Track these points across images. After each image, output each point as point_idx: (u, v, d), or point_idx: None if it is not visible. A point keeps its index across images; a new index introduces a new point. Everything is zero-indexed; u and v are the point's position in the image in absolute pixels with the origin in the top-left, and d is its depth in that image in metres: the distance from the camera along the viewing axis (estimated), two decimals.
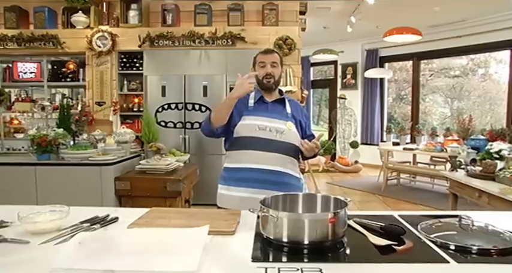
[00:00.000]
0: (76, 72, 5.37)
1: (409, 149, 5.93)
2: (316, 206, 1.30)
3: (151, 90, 5.08)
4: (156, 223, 1.31)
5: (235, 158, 1.92)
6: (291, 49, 5.02)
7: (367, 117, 8.41)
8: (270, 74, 1.91)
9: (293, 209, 1.30)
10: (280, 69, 1.97)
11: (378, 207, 5.09)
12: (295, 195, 1.35)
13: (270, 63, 1.92)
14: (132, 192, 3.09)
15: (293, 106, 2.02)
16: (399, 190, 6.03)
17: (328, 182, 6.82)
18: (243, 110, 1.92)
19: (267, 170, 1.84)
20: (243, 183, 1.86)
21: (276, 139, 1.86)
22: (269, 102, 1.96)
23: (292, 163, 1.92)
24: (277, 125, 1.88)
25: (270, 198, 1.27)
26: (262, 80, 1.92)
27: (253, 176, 1.84)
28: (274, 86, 1.97)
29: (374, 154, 7.01)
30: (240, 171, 1.89)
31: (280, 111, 1.95)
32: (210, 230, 1.20)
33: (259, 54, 1.99)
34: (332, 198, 1.29)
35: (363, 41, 8.35)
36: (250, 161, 1.86)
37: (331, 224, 1.08)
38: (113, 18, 5.17)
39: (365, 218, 1.36)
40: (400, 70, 8.93)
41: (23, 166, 3.12)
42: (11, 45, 5.24)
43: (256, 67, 1.97)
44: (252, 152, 1.86)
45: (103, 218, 1.38)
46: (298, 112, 2.02)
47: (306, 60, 9.22)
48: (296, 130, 1.93)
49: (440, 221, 1.29)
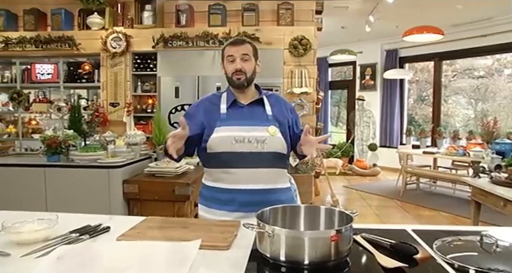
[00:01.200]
0: (91, 73, 5.39)
1: (430, 152, 5.70)
2: (319, 220, 1.19)
3: (165, 91, 5.05)
4: (148, 234, 1.23)
5: (214, 177, 1.64)
6: (307, 49, 4.89)
7: (386, 118, 8.18)
8: (240, 70, 1.59)
9: (294, 223, 1.19)
10: (253, 62, 1.64)
11: (396, 212, 4.90)
12: (296, 207, 1.24)
13: (239, 56, 1.59)
14: (140, 195, 3.05)
15: (274, 103, 1.69)
16: (418, 195, 5.81)
17: (345, 185, 6.65)
18: (214, 119, 1.61)
19: (252, 190, 1.56)
20: (225, 206, 1.58)
21: (257, 151, 1.56)
22: (245, 105, 1.65)
23: (280, 174, 1.66)
24: (257, 133, 1.57)
25: (268, 211, 1.16)
26: (231, 77, 1.61)
27: (237, 198, 1.56)
28: (247, 84, 1.62)
29: (393, 157, 6.79)
30: (220, 192, 1.60)
31: (259, 114, 1.64)
32: (203, 244, 1.12)
33: (227, 46, 1.64)
34: (337, 211, 1.17)
35: (382, 41, 8.13)
36: (233, 181, 1.57)
37: (333, 242, 0.97)
38: (128, 19, 5.16)
39: (374, 233, 1.24)
40: (422, 71, 8.66)
41: (33, 167, 3.11)
42: (29, 47, 5.31)
43: (224, 63, 1.66)
44: (234, 171, 1.56)
45: (94, 227, 1.31)
46: (282, 110, 1.69)
47: (324, 60, 9.08)
48: (281, 134, 1.62)
49: (460, 239, 1.17)
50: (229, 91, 1.68)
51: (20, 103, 5.47)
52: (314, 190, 5.61)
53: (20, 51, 5.33)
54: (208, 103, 1.68)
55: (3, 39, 5.30)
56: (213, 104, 1.66)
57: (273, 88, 4.95)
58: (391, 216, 4.76)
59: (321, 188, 5.91)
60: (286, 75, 4.97)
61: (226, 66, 1.65)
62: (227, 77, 1.65)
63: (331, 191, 5.31)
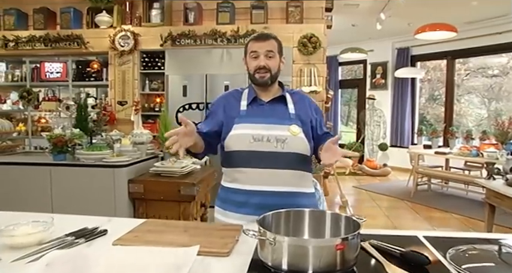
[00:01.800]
0: (100, 71, 5.39)
1: (442, 153, 5.57)
2: (324, 226, 1.13)
3: (173, 89, 5.02)
4: (145, 238, 1.18)
5: (230, 177, 1.56)
6: (316, 47, 4.81)
7: (397, 118, 8.05)
8: (264, 67, 1.50)
9: (297, 229, 1.13)
10: (278, 58, 1.55)
11: (406, 214, 4.79)
12: (300, 212, 1.16)
13: (264, 52, 1.51)
14: (146, 195, 3.01)
15: (298, 101, 1.58)
16: (430, 196, 5.69)
17: (354, 186, 6.55)
18: (233, 116, 1.54)
19: (270, 192, 1.46)
20: (241, 208, 1.49)
21: (277, 150, 1.46)
22: (265, 102, 1.57)
23: (302, 177, 1.54)
24: (277, 132, 1.47)
25: (270, 216, 1.10)
26: (253, 75, 1.52)
27: (253, 200, 1.46)
28: (271, 81, 1.54)
29: (404, 157, 6.67)
30: (237, 193, 1.51)
31: (281, 112, 1.54)
32: (202, 250, 1.06)
33: (251, 42, 1.56)
34: (343, 217, 1.11)
35: (394, 39, 7.99)
36: (248, 181, 1.48)
37: (339, 251, 0.91)
38: (136, 17, 5.15)
39: (383, 239, 1.17)
40: (434, 69, 8.49)
41: (39, 166, 3.09)
42: (39, 45, 5.33)
43: (247, 58, 1.56)
44: (249, 171, 1.47)
45: (91, 230, 1.26)
46: (306, 109, 1.58)
47: (334, 59, 8.97)
48: (303, 134, 1.51)
49: (475, 248, 1.09)
50: (251, 88, 1.60)
51: (30, 102, 5.51)
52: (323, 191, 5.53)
53: (29, 49, 5.36)
54: (228, 99, 1.62)
55: (14, 38, 5.33)
56: (234, 100, 1.59)
57: None
58: (401, 217, 4.66)
59: (330, 189, 5.83)
60: (295, 74, 4.90)
61: (248, 62, 1.56)
62: (249, 74, 1.56)
63: (340, 192, 5.22)
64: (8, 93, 5.86)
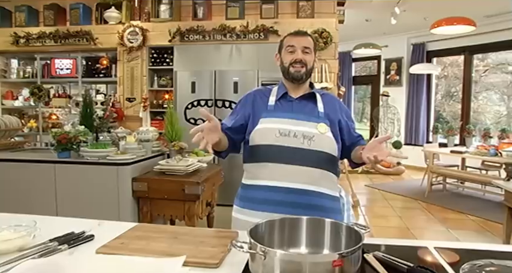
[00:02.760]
0: (109, 67, 5.37)
1: (458, 152, 5.38)
2: (323, 237, 1.03)
3: (181, 86, 4.95)
4: (131, 246, 1.11)
5: (252, 173, 1.51)
6: (327, 43, 4.68)
7: (411, 115, 7.84)
8: (301, 61, 1.48)
9: (293, 239, 1.03)
10: (313, 56, 1.53)
11: (420, 215, 4.64)
12: (297, 220, 1.06)
13: (301, 47, 1.48)
14: (150, 194, 2.95)
15: (328, 102, 1.56)
16: (445, 197, 5.50)
17: (367, 185, 6.40)
18: (261, 111, 1.51)
19: (292, 189, 1.41)
20: (260, 205, 1.44)
21: (303, 147, 1.42)
22: (295, 98, 1.53)
23: (326, 178, 1.48)
24: (305, 129, 1.44)
25: (263, 224, 1.01)
26: (288, 68, 1.50)
27: (273, 197, 1.42)
28: (305, 77, 1.51)
29: (418, 155, 6.47)
30: (257, 190, 1.47)
31: (310, 109, 1.51)
32: (189, 260, 0.98)
33: (288, 36, 1.55)
34: (344, 227, 1.01)
35: (409, 34, 7.77)
36: (270, 177, 1.44)
37: (337, 267, 0.81)
38: (144, 12, 5.10)
39: (389, 250, 1.07)
40: (451, 65, 8.23)
41: (43, 163, 3.06)
42: (49, 42, 5.34)
43: (282, 53, 1.54)
44: (272, 166, 1.43)
45: (77, 235, 1.19)
46: (336, 110, 1.55)
47: (348, 55, 8.80)
48: (331, 134, 1.47)
49: (493, 263, 0.98)
50: (281, 84, 1.58)
51: (40, 98, 5.53)
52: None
53: (40, 46, 5.37)
54: (258, 95, 1.58)
55: (24, 35, 5.35)
56: (263, 96, 1.56)
57: None
58: (414, 218, 4.51)
59: (342, 187, 5.68)
60: None
61: (284, 56, 1.53)
62: (283, 68, 1.53)
63: (352, 191, 5.09)
64: (20, 90, 5.90)
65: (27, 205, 3.05)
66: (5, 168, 3.13)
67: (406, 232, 3.94)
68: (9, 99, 5.78)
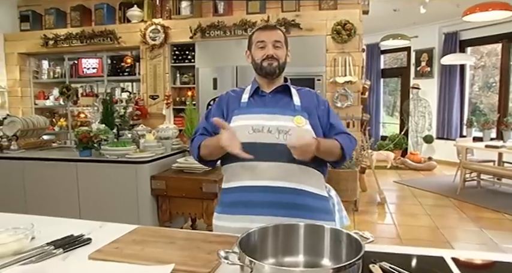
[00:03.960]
0: (133, 66, 5.44)
1: (493, 146, 5.07)
2: (322, 245, 0.95)
3: (203, 82, 4.95)
4: (125, 251, 1.08)
5: (229, 175, 1.44)
6: (351, 35, 4.51)
7: (444, 108, 7.48)
8: (273, 56, 1.42)
9: (289, 247, 0.96)
10: (285, 50, 1.47)
11: (451, 213, 4.42)
12: (293, 226, 0.98)
13: (271, 42, 1.43)
14: (168, 192, 2.95)
15: (304, 95, 1.48)
16: (479, 194, 5.21)
17: (395, 181, 6.18)
18: (234, 109, 1.45)
19: (270, 187, 1.32)
20: (239, 209, 1.35)
21: (279, 142, 1.33)
22: (268, 92, 1.46)
23: (308, 174, 1.38)
24: (279, 123, 1.35)
25: (255, 232, 0.93)
26: (261, 64, 1.44)
27: (252, 198, 1.34)
28: (279, 71, 1.45)
29: (451, 150, 6.18)
30: (235, 192, 1.38)
31: (285, 103, 1.43)
32: (180, 268, 0.94)
33: (257, 32, 1.48)
34: (345, 234, 0.92)
35: (441, 23, 7.40)
36: (247, 177, 1.36)
37: None
38: (166, 10, 5.11)
39: (399, 260, 0.98)
40: (489, 55, 7.78)
41: (66, 161, 3.14)
42: (76, 42, 5.47)
43: (252, 49, 1.48)
44: (248, 165, 1.34)
45: (75, 238, 1.18)
46: (313, 103, 1.47)
47: (376, 47, 8.52)
48: (310, 127, 1.39)
49: None
50: (254, 81, 1.52)
51: (69, 98, 5.69)
52: (361, 186, 5.26)
53: (67, 47, 5.51)
54: (231, 94, 1.52)
55: (53, 36, 5.50)
56: (236, 95, 1.51)
57: (315, 77, 4.66)
58: (445, 217, 4.29)
59: (369, 183, 5.53)
60: (328, 64, 4.64)
61: (254, 52, 1.47)
62: (255, 64, 1.48)
63: (379, 188, 4.92)
64: (51, 90, 6.10)
65: (52, 202, 3.14)
66: (31, 166, 3.23)
67: (435, 232, 3.76)
68: (41, 99, 5.99)
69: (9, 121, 3.69)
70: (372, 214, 4.43)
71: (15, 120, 3.71)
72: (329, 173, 4.81)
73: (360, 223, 4.05)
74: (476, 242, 3.53)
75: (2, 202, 3.25)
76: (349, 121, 4.56)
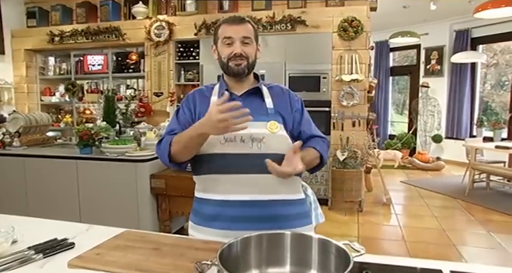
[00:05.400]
0: (138, 62, 5.42)
1: (504, 147, 4.95)
2: (310, 255, 0.89)
3: (208, 79, 4.89)
4: (106, 257, 1.03)
5: (201, 186, 1.34)
6: (358, 32, 4.42)
7: (453, 107, 7.33)
8: (241, 55, 1.30)
9: (274, 258, 0.90)
10: (255, 46, 1.35)
11: (459, 215, 4.32)
12: (278, 236, 0.92)
13: (239, 38, 1.30)
14: (168, 191, 2.92)
15: (277, 96, 1.37)
16: (488, 196, 5.09)
17: (402, 181, 6.08)
18: (202, 114, 1.25)
19: (248, 202, 1.24)
20: (214, 222, 1.27)
21: (253, 152, 1.24)
22: (238, 96, 1.34)
23: (286, 182, 1.28)
24: (253, 130, 1.23)
25: (237, 242, 0.87)
26: (228, 64, 1.32)
27: (227, 212, 1.25)
28: (248, 70, 1.33)
29: (460, 150, 6.05)
30: (209, 205, 1.29)
31: (257, 106, 1.30)
32: None
33: (223, 25, 1.34)
34: (334, 246, 0.86)
35: (452, 21, 7.23)
36: (221, 190, 1.27)
37: None
38: (171, 6, 5.07)
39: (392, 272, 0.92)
40: (502, 52, 7.59)
41: (66, 159, 3.12)
42: (81, 39, 5.46)
43: (218, 45, 1.35)
44: (221, 177, 1.26)
45: (58, 242, 1.14)
46: (287, 103, 1.37)
47: (385, 44, 8.38)
48: (285, 131, 1.31)
49: None
50: (222, 81, 1.40)
51: (74, 94, 5.70)
52: (366, 186, 5.17)
53: (73, 43, 5.51)
54: (198, 95, 1.40)
55: (59, 33, 5.51)
56: (204, 96, 1.38)
57: (320, 75, 4.59)
58: (452, 219, 4.20)
59: (374, 183, 5.43)
60: (334, 61, 4.56)
61: (220, 49, 1.34)
62: (221, 63, 1.36)
63: (384, 188, 4.84)
64: (57, 86, 6.11)
65: (52, 199, 3.14)
66: (31, 163, 3.23)
67: (441, 235, 3.67)
68: (47, 95, 6.01)
69: (12, 118, 3.70)
70: (377, 215, 4.35)
71: (17, 117, 3.70)
72: (333, 173, 4.69)
73: (364, 224, 3.98)
74: (484, 246, 3.43)
75: (3, 198, 3.25)
76: (355, 120, 4.49)
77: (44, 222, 1.34)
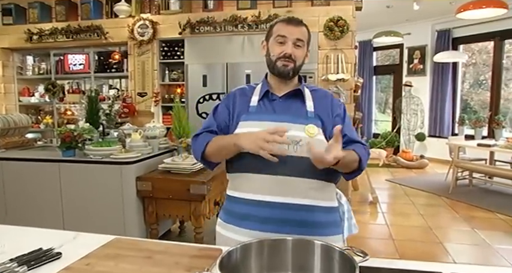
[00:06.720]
0: (121, 62, 5.30)
1: (485, 145, 5.05)
2: (312, 261, 0.86)
3: (192, 79, 4.83)
4: (97, 267, 0.98)
5: (234, 184, 1.33)
6: (344, 31, 4.43)
7: (436, 106, 7.46)
8: (290, 56, 1.28)
9: (276, 265, 0.87)
10: (305, 51, 1.33)
11: (444, 212, 4.38)
12: (280, 242, 0.89)
13: (293, 40, 1.28)
14: (154, 193, 2.85)
15: (319, 99, 1.33)
16: (471, 193, 5.19)
17: (387, 179, 6.14)
18: (241, 113, 1.31)
19: (278, 204, 1.21)
20: (244, 222, 1.25)
21: (289, 154, 1.19)
22: (279, 97, 1.32)
23: (320, 188, 1.25)
24: (290, 132, 1.19)
25: (237, 249, 0.84)
26: (275, 63, 1.29)
27: (258, 212, 1.22)
28: (293, 73, 1.31)
29: (443, 148, 6.16)
30: (240, 203, 1.27)
31: (297, 109, 1.29)
32: None
33: (279, 23, 1.34)
34: (337, 252, 0.84)
35: (434, 21, 7.36)
36: (253, 190, 1.24)
37: None
38: (154, 5, 4.97)
39: None
40: (480, 52, 7.76)
41: (48, 162, 3.01)
42: (61, 37, 5.31)
43: (270, 42, 1.33)
44: (254, 177, 1.24)
45: (44, 253, 1.08)
46: (328, 108, 1.32)
47: (369, 44, 8.46)
48: (323, 136, 1.26)
49: None
50: (265, 81, 1.37)
51: (55, 94, 5.53)
52: (352, 185, 5.20)
53: (52, 42, 5.35)
54: (239, 94, 1.38)
55: (37, 31, 5.33)
56: (245, 95, 1.36)
57: (307, 74, 4.57)
58: (437, 217, 4.26)
59: (360, 182, 5.46)
60: (320, 61, 4.56)
61: (272, 46, 1.33)
62: (269, 60, 1.33)
63: (371, 187, 4.87)
64: (36, 86, 5.93)
65: (33, 205, 3.02)
66: (10, 167, 3.10)
67: (428, 232, 3.71)
68: (25, 95, 5.82)
69: None
70: (364, 214, 4.37)
71: None
72: None
73: None
74: (468, 243, 3.49)
75: None
76: None
77: (27, 230, 1.27)
